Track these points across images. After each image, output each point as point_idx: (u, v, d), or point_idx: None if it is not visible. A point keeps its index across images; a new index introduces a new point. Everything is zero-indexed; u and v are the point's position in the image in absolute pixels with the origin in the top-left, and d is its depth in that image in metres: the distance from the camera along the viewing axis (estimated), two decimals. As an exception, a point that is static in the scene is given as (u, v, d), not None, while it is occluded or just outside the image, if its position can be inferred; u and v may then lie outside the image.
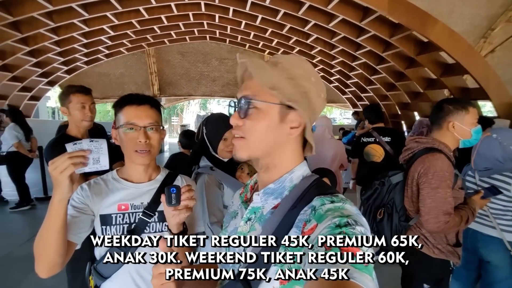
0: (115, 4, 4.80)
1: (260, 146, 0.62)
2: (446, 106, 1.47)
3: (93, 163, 0.84)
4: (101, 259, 1.00)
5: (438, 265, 1.49)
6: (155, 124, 1.01)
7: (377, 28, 4.33)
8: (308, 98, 0.62)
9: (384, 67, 5.70)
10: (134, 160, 1.01)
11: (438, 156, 1.41)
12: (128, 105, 1.00)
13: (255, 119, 0.61)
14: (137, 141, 0.97)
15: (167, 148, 10.77)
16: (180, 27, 7.14)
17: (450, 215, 1.36)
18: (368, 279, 0.43)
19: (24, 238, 0.93)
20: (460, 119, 1.45)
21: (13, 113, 4.43)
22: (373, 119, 3.13)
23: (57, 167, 0.78)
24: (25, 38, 5.37)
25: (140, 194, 1.05)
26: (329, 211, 0.54)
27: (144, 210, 1.02)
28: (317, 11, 4.67)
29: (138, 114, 0.99)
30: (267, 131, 0.61)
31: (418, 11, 3.67)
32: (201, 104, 24.27)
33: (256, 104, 0.61)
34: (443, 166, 1.38)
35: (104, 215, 1.00)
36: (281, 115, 0.61)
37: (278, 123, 0.61)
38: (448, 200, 1.37)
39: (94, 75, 9.21)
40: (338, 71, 7.68)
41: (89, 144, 0.85)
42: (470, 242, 1.85)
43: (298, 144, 0.66)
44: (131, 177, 1.07)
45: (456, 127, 1.46)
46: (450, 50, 3.79)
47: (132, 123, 0.97)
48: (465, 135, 1.46)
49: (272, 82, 0.59)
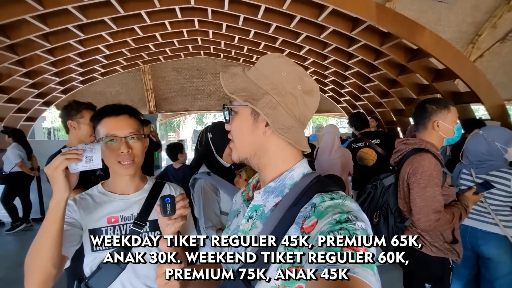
0: (110, 24, 4.90)
1: (244, 148, 0.67)
2: (430, 106, 1.52)
3: (86, 162, 0.84)
4: (93, 274, 0.97)
5: (437, 264, 1.49)
6: (136, 133, 0.99)
7: (368, 37, 4.44)
8: (279, 94, 0.62)
9: (376, 75, 5.81)
10: (118, 172, 0.99)
11: (425, 156, 1.44)
12: (106, 116, 0.98)
13: (233, 122, 0.67)
14: (119, 152, 0.95)
15: (164, 164, 10.70)
16: (175, 44, 7.26)
17: (440, 213, 1.37)
18: (370, 274, 0.43)
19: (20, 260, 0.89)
20: (443, 118, 1.50)
21: (14, 133, 4.45)
22: (359, 125, 3.19)
23: (51, 165, 0.79)
24: (21, 60, 5.42)
25: (129, 205, 1.03)
26: (329, 207, 0.54)
27: (135, 221, 1.00)
28: (308, 23, 4.79)
29: (117, 124, 0.97)
30: (246, 132, 0.65)
31: (406, 20, 3.79)
32: (197, 119, 24.36)
33: (232, 108, 0.66)
34: (430, 165, 1.41)
35: (94, 229, 0.98)
36: (253, 115, 0.64)
37: (252, 124, 0.64)
38: (437, 198, 1.38)
39: (90, 94, 9.27)
40: (332, 81, 7.80)
41: (83, 145, 0.86)
42: (469, 240, 1.86)
43: (282, 142, 0.64)
44: (118, 189, 1.04)
45: (440, 126, 1.50)
46: (439, 56, 3.89)
47: (112, 135, 0.96)
48: (448, 133, 1.51)
49: (234, 87, 0.63)
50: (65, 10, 4.16)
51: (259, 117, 0.64)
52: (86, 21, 4.48)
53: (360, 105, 7.97)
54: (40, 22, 4.24)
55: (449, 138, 1.52)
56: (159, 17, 5.22)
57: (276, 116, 0.61)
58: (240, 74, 0.66)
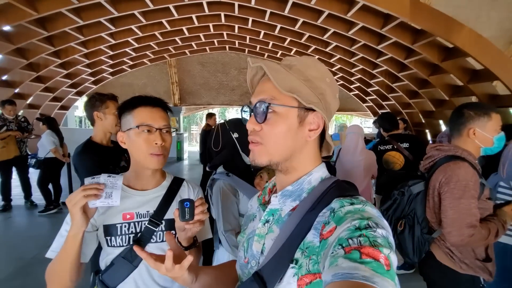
0: (139, 18, 5.04)
1: (279, 151, 0.61)
2: (467, 112, 1.39)
3: (105, 197, 0.84)
4: (106, 269, 0.97)
5: (466, 282, 1.39)
6: (168, 127, 0.98)
7: (399, 34, 4.25)
8: (325, 99, 0.62)
9: (406, 74, 5.56)
10: (147, 164, 0.96)
11: (461, 165, 1.33)
12: (142, 106, 0.95)
13: (274, 123, 0.59)
14: (153, 144, 0.92)
15: (186, 156, 10.94)
16: (201, 38, 7.35)
17: (475, 228, 1.26)
18: (391, 284, 0.41)
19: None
20: (481, 126, 1.36)
21: (49, 121, 4.74)
22: (387, 127, 3.03)
23: (71, 200, 0.80)
24: (57, 51, 5.74)
25: (146, 201, 1.00)
26: (349, 213, 0.51)
27: (151, 219, 0.97)
28: (336, 19, 4.66)
29: (153, 115, 0.95)
30: (287, 135, 0.60)
31: (442, 16, 3.57)
32: (220, 112, 24.65)
33: (274, 108, 0.59)
34: (466, 175, 1.30)
35: (109, 225, 0.96)
36: (300, 118, 0.60)
37: (297, 127, 0.60)
38: (472, 211, 1.27)
39: (119, 85, 9.63)
40: (358, 79, 7.57)
41: (106, 178, 0.85)
42: (510, 259, 1.71)
43: (316, 145, 0.65)
44: (137, 184, 1.01)
45: (477, 134, 1.37)
46: (478, 55, 3.64)
47: (148, 125, 0.93)
48: (486, 143, 1.38)
49: (290, 85, 0.58)
50: (98, 4, 4.33)
51: (305, 120, 0.61)
52: (117, 14, 4.65)
53: (387, 105, 7.69)
54: (75, 15, 4.45)
55: (487, 149, 1.39)
56: (186, 11, 5.30)
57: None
58: (285, 73, 0.60)
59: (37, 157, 4.66)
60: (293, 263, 0.55)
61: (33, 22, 4.37)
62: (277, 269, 0.56)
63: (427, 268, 1.52)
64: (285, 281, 0.55)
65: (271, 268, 0.57)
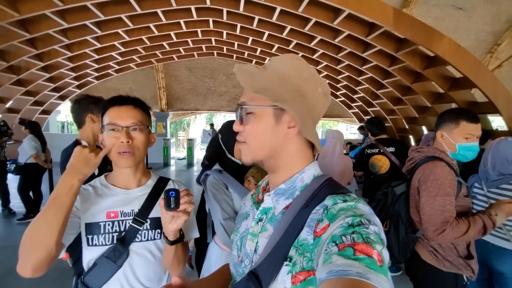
0: (126, 22, 4.98)
1: (260, 149, 0.63)
2: (443, 116, 1.49)
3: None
4: (89, 270, 0.93)
5: (450, 280, 1.43)
6: (138, 124, 0.95)
7: (383, 43, 4.39)
8: (303, 96, 0.62)
9: (390, 82, 5.72)
10: (117, 163, 0.96)
11: (438, 164, 1.39)
12: (112, 106, 0.96)
13: (251, 123, 0.63)
14: (119, 142, 0.92)
15: (173, 162, 10.79)
16: (189, 43, 7.34)
17: (448, 223, 1.32)
18: (384, 280, 0.42)
19: None
20: (448, 131, 1.45)
21: (32, 125, 4.58)
22: (375, 131, 3.10)
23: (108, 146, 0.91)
24: (40, 54, 5.57)
25: (130, 200, 0.98)
26: (342, 210, 0.52)
27: (135, 217, 0.96)
28: (323, 27, 4.76)
29: (119, 114, 0.94)
30: (265, 134, 0.62)
31: (424, 26, 3.72)
32: (207, 118, 24.53)
33: (250, 109, 0.63)
34: (442, 173, 1.36)
35: (91, 223, 0.93)
36: (276, 116, 0.61)
37: (274, 125, 0.62)
38: (447, 208, 1.32)
39: (104, 90, 9.44)
40: (344, 85, 7.73)
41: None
42: (480, 253, 1.78)
43: (302, 143, 0.65)
44: (120, 182, 1.00)
45: (444, 138, 1.46)
46: (457, 64, 3.80)
47: (113, 123, 0.93)
48: (451, 148, 1.45)
49: (258, 86, 0.60)
50: (84, 7, 4.25)
51: (282, 118, 0.61)
52: (103, 18, 4.57)
53: (372, 111, 7.87)
54: (60, 18, 4.35)
55: (459, 155, 1.45)
56: (174, 16, 5.29)
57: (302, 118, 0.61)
58: (259, 73, 0.63)
59: (17, 162, 4.48)
60: (287, 261, 0.55)
61: (14, 23, 4.23)
62: (271, 267, 0.56)
63: (412, 268, 1.55)
64: (279, 279, 0.55)
65: (266, 266, 0.57)
